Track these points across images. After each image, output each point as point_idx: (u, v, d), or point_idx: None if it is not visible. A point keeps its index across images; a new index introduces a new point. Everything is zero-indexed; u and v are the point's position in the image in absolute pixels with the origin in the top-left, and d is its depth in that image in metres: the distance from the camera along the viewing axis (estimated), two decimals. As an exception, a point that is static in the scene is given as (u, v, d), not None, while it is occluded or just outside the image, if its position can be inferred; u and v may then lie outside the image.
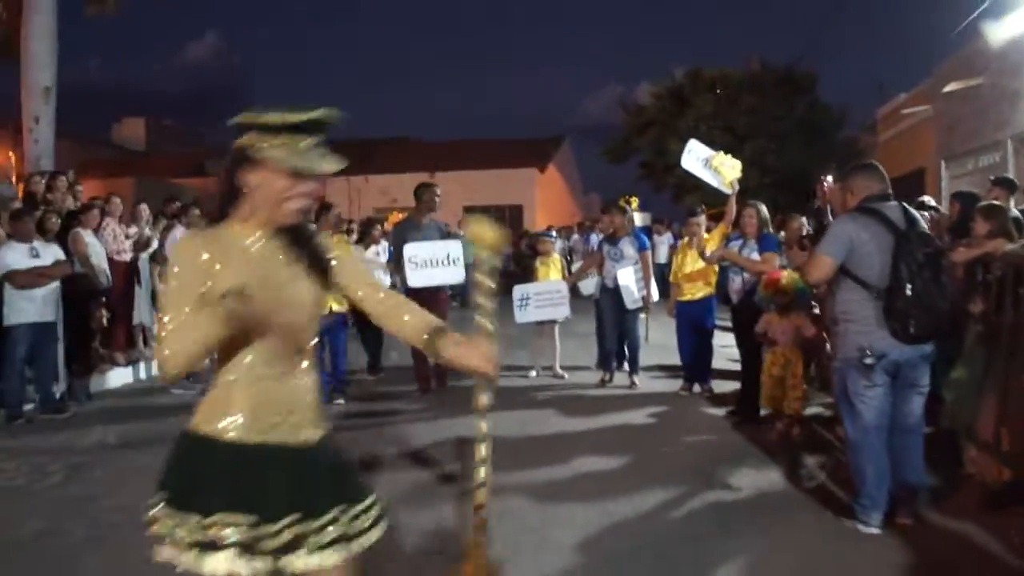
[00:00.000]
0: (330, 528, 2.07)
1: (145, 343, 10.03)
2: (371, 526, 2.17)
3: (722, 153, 8.12)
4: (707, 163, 8.03)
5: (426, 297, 7.02)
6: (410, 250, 7.95)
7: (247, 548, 1.98)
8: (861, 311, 4.32)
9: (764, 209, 7.19)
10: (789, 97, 26.36)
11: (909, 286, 4.10)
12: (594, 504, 4.83)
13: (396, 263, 8.36)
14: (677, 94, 27.18)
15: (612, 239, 8.57)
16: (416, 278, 7.92)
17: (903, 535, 4.27)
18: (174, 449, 2.18)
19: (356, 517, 2.14)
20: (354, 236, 12.31)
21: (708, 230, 8.06)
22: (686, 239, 8.30)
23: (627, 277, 8.25)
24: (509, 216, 32.02)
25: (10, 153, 37.52)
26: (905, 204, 4.47)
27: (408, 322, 2.27)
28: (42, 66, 15.09)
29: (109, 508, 4.90)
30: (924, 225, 4.51)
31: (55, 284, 7.65)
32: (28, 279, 7.35)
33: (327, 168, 2.10)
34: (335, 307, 8.16)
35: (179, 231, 8.94)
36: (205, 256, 2.04)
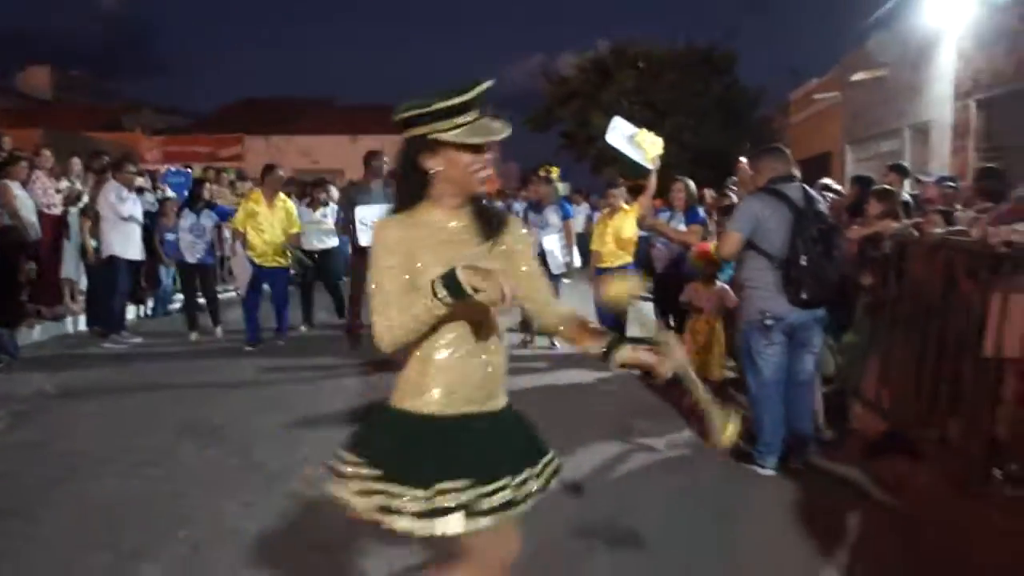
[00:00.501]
0: (531, 486, 2.29)
1: (72, 298, 10.05)
2: (548, 482, 2.37)
3: (645, 130, 8.53)
4: (631, 139, 8.44)
5: (358, 256, 8.27)
6: (360, 212, 8.31)
7: (468, 509, 2.16)
8: (763, 279, 4.82)
9: (692, 184, 7.71)
10: (708, 76, 27.02)
11: (804, 258, 4.63)
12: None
13: (345, 225, 8.72)
14: (601, 67, 27.59)
15: (537, 207, 8.98)
16: (367, 238, 8.14)
17: (795, 477, 4.85)
18: (373, 422, 2.38)
19: (540, 474, 2.35)
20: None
21: (627, 202, 8.48)
22: (607, 209, 8.71)
23: (552, 243, 8.69)
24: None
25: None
26: (805, 186, 4.97)
27: (563, 317, 2.53)
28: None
29: (61, 452, 5.15)
30: (822, 205, 5.03)
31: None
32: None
33: (501, 134, 2.26)
34: (281, 262, 8.89)
35: (111, 187, 8.97)
36: (405, 240, 2.22)
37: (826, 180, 8.60)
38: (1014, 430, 4.39)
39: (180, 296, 11.32)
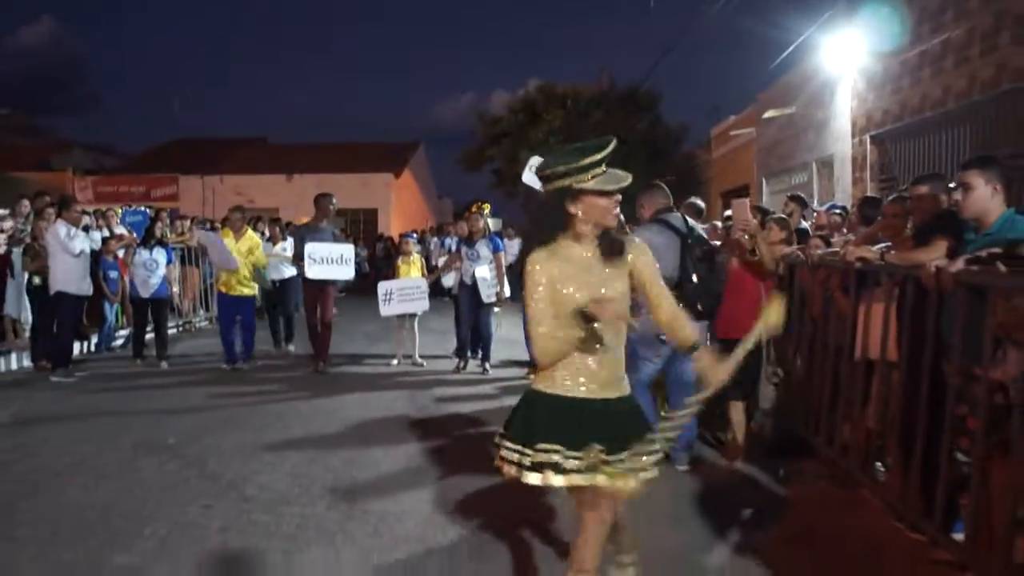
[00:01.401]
0: (621, 462, 2.81)
1: (16, 334, 10.30)
2: (649, 466, 2.88)
3: None
4: None
5: (318, 288, 9.37)
6: (309, 248, 9.29)
7: (559, 468, 2.80)
8: None
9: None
10: (632, 115, 27.98)
11: (694, 276, 5.32)
12: (446, 468, 5.81)
13: (298, 258, 9.59)
14: (530, 107, 28.40)
15: (469, 241, 9.57)
16: (313, 271, 9.36)
17: (701, 472, 5.57)
18: (520, 401, 3.04)
19: (640, 457, 2.85)
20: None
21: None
22: None
23: (483, 272, 9.30)
24: (364, 219, 32.63)
25: None
26: (684, 215, 5.70)
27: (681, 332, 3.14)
28: None
29: (24, 471, 5.51)
30: (700, 231, 5.73)
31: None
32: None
33: (626, 181, 2.85)
34: (246, 291, 9.76)
35: (60, 225, 9.23)
36: (550, 269, 2.85)
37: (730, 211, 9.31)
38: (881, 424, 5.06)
39: (123, 332, 11.66)
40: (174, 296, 12.49)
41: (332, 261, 9.46)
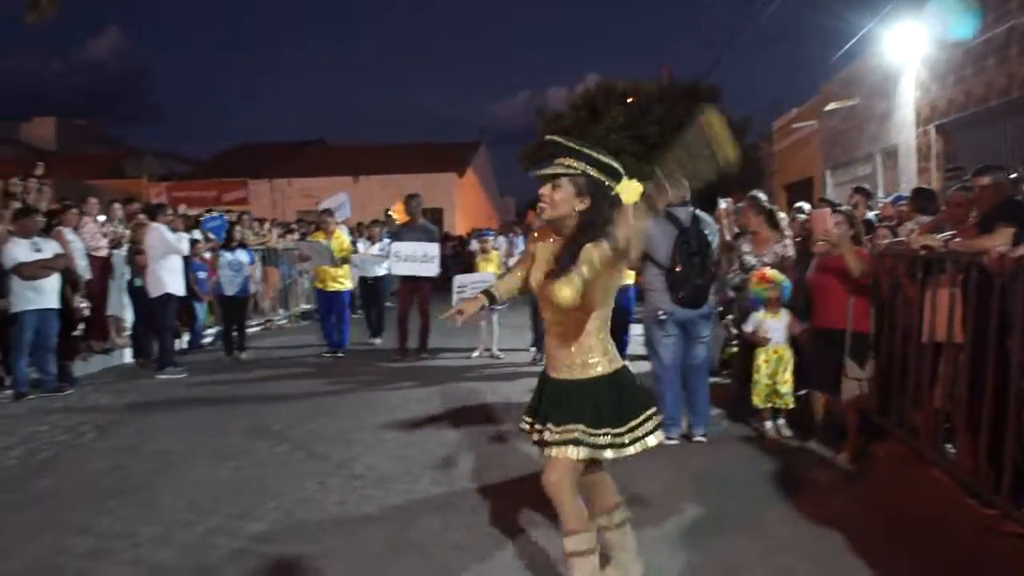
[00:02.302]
0: (552, 433, 3.23)
1: (118, 333, 10.96)
2: (647, 435, 3.28)
3: (628, 180, 9.46)
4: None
5: (414, 282, 10.33)
6: (396, 246, 10.37)
7: (581, 443, 3.16)
8: (655, 282, 6.09)
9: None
10: (694, 109, 28.03)
11: (679, 267, 5.89)
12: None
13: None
14: (590, 104, 28.68)
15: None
16: (398, 268, 10.42)
17: (695, 447, 6.06)
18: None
19: (635, 428, 3.24)
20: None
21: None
22: None
23: None
24: (430, 219, 33.18)
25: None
26: (696, 211, 6.15)
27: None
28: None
29: (152, 452, 6.07)
30: (708, 225, 6.17)
31: (56, 275, 8.62)
32: (33, 271, 8.31)
33: (547, 170, 3.16)
34: (339, 287, 10.83)
35: (163, 229, 9.79)
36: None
37: (800, 204, 9.51)
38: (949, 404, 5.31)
39: (210, 331, 12.32)
40: (256, 295, 13.15)
41: (417, 259, 10.26)
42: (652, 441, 3.29)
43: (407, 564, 3.94)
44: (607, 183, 3.19)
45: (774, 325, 6.27)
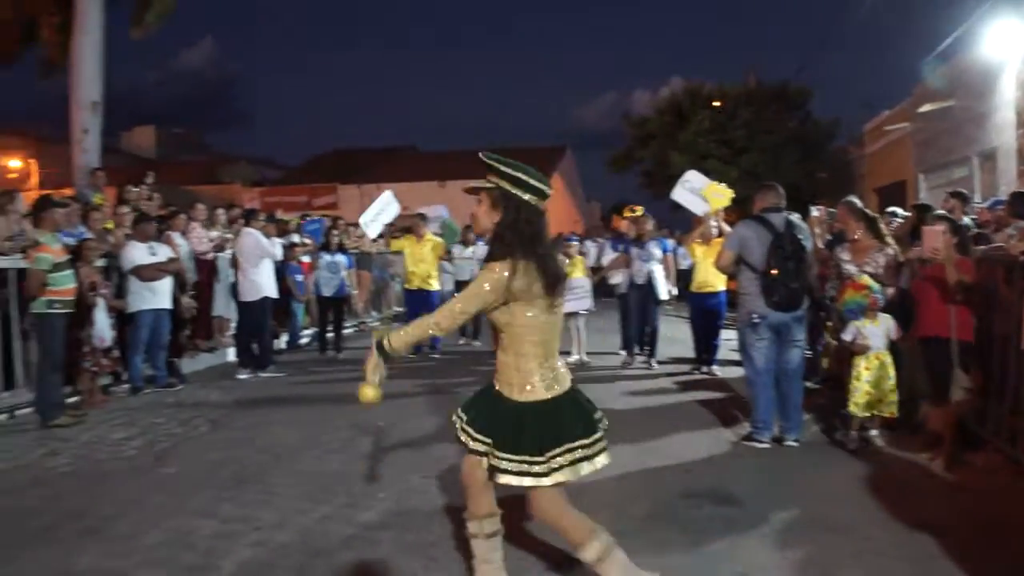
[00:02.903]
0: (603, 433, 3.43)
1: (221, 332, 11.45)
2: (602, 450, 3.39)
3: (715, 184, 9.57)
4: (699, 191, 9.51)
5: None
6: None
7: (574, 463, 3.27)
8: (750, 286, 6.17)
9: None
10: (782, 112, 27.76)
11: (775, 271, 5.95)
12: (631, 451, 6.36)
13: None
14: (676, 108, 28.60)
15: (639, 242, 10.04)
16: None
17: (786, 451, 6.12)
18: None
19: (555, 458, 3.25)
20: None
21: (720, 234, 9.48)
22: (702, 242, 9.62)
23: (659, 273, 9.82)
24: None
25: (30, 161, 38.65)
26: (789, 215, 6.25)
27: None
28: (91, 82, 16.46)
29: (263, 444, 6.40)
30: (802, 230, 6.25)
31: (169, 277, 9.10)
32: (151, 273, 8.80)
33: (474, 184, 3.36)
34: (427, 287, 11.38)
35: (258, 234, 10.25)
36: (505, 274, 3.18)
37: (893, 208, 9.44)
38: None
39: (308, 331, 12.78)
40: (351, 297, 13.58)
41: None
42: (560, 477, 3.25)
43: (509, 551, 4.13)
44: (524, 196, 3.23)
45: (874, 331, 6.18)
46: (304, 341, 12.70)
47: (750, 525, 4.55)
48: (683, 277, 11.25)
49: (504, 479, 3.32)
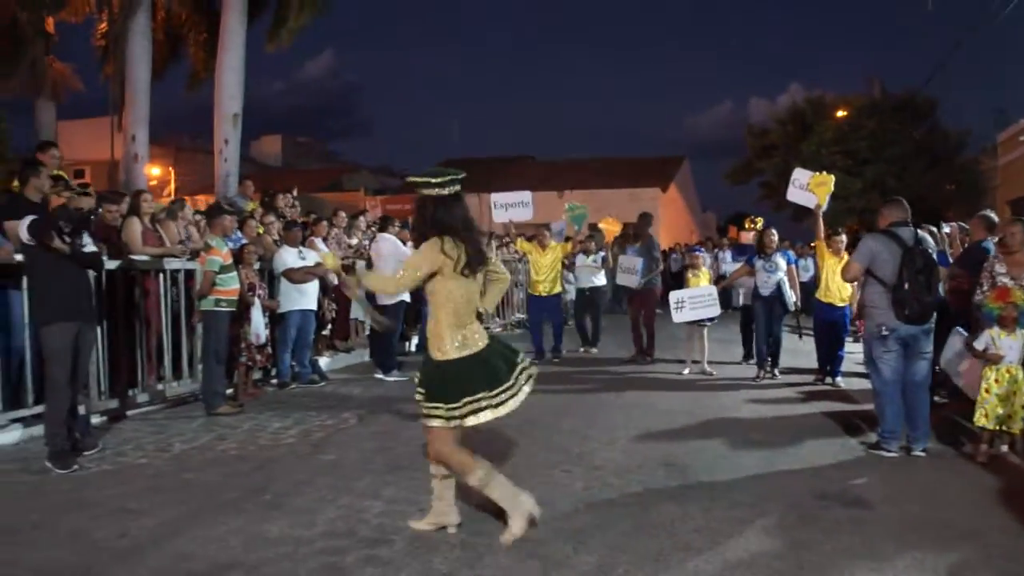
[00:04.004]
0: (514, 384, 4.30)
1: (358, 334, 12.08)
2: (528, 377, 4.46)
3: (817, 175, 9.67)
4: (806, 186, 9.60)
5: (636, 294, 11.46)
6: (620, 259, 11.68)
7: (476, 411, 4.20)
8: (879, 300, 6.31)
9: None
10: (908, 122, 27.15)
11: (907, 284, 6.05)
12: (760, 456, 6.58)
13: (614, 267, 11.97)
14: (799, 119, 28.30)
15: (764, 254, 10.18)
16: (619, 278, 11.75)
17: (914, 460, 6.24)
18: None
19: (522, 373, 4.40)
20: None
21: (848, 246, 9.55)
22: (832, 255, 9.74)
23: (785, 285, 9.96)
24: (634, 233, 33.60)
25: (170, 168, 40.72)
26: (916, 229, 6.41)
27: None
28: (232, 96, 17.53)
29: (409, 438, 6.86)
30: (929, 243, 6.46)
31: (316, 279, 9.71)
32: (300, 275, 9.44)
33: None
34: (551, 293, 11.77)
35: (392, 239, 10.79)
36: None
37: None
38: None
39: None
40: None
41: (626, 270, 11.48)
42: (460, 423, 4.24)
43: (655, 541, 4.45)
44: (434, 192, 4.22)
45: (1009, 343, 6.19)
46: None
47: (881, 527, 4.74)
48: (803, 290, 11.35)
49: (427, 422, 4.34)
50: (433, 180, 4.23)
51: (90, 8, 19.68)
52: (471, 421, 4.19)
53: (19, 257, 6.60)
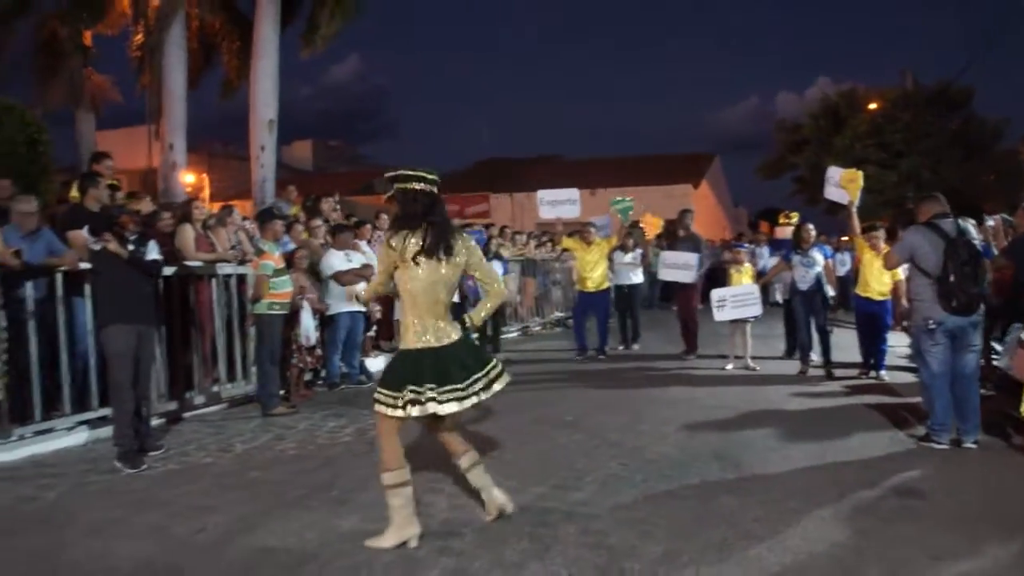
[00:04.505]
0: (464, 388, 4.31)
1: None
2: (488, 386, 4.42)
3: (846, 171, 9.72)
4: (838, 184, 9.65)
5: (683, 289, 11.57)
6: (663, 255, 11.77)
7: (418, 403, 4.25)
8: (925, 292, 6.37)
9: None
10: (943, 113, 26.93)
11: (952, 276, 6.10)
12: (810, 449, 6.66)
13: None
14: (831, 113, 28.17)
15: (801, 249, 10.23)
16: (663, 274, 11.70)
17: (965, 452, 6.27)
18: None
19: (477, 382, 4.36)
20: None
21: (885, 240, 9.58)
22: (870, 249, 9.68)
23: (823, 279, 10.00)
24: (665, 230, 33.57)
25: (203, 175, 41.29)
26: (958, 220, 6.42)
27: None
28: (267, 102, 17.75)
29: (464, 434, 6.94)
30: (972, 234, 6.46)
31: (364, 282, 9.88)
32: (349, 278, 9.62)
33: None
34: (598, 288, 11.67)
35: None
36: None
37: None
38: None
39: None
40: (510, 301, 14.17)
41: (679, 266, 11.31)
42: (401, 413, 4.31)
43: (717, 531, 4.56)
44: (411, 186, 4.36)
45: None
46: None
47: (937, 517, 4.82)
48: (840, 284, 11.39)
49: (374, 405, 4.48)
50: (411, 174, 4.43)
51: (126, 20, 20.06)
52: (414, 412, 4.27)
53: (84, 265, 6.83)
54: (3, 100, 11.80)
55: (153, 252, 6.65)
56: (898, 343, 10.68)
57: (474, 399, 4.36)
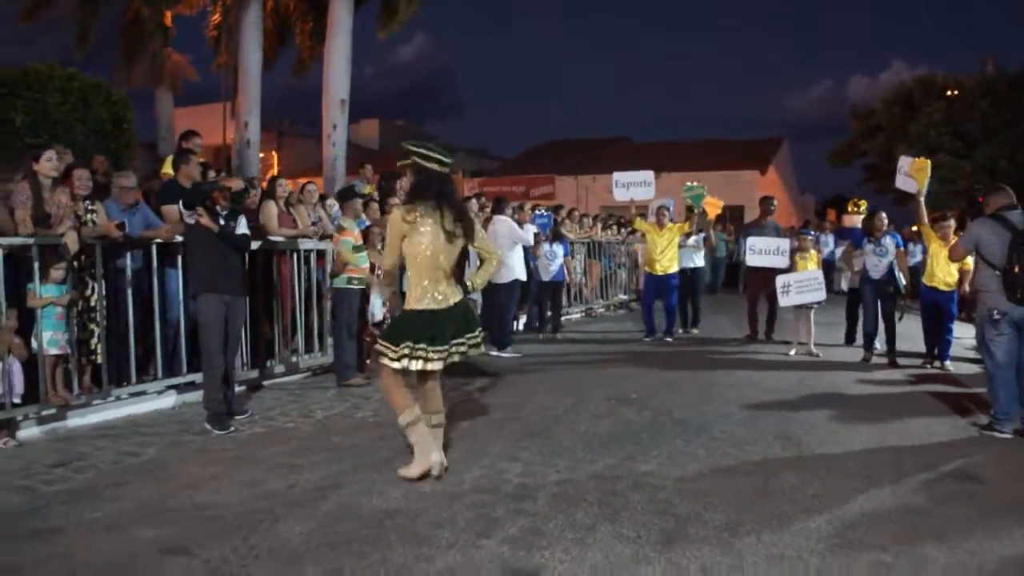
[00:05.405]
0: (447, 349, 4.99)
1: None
2: (466, 352, 5.12)
3: (915, 160, 9.69)
4: (908, 173, 9.62)
5: (763, 273, 11.36)
6: (751, 241, 11.70)
7: (412, 357, 4.89)
8: (990, 283, 6.49)
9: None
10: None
11: (1018, 268, 6.21)
12: (870, 432, 6.80)
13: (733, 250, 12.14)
14: (906, 99, 27.67)
15: (873, 237, 10.27)
16: (752, 260, 11.69)
17: None
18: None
19: (460, 345, 5.06)
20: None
21: (956, 232, 9.57)
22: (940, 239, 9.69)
23: (896, 268, 10.05)
24: (730, 216, 33.39)
25: (273, 152, 41.98)
26: None
27: None
28: (340, 82, 18.13)
29: (536, 407, 7.32)
30: None
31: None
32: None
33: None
34: (667, 271, 11.87)
35: (509, 221, 11.20)
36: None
37: None
38: None
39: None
40: (573, 282, 14.32)
41: (769, 252, 11.40)
42: (397, 364, 4.92)
43: (777, 504, 4.79)
44: (428, 165, 4.97)
45: None
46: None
47: (995, 501, 4.98)
48: (911, 273, 11.34)
49: (378, 357, 5.03)
50: (433, 154, 5.00)
51: (204, 1, 20.67)
52: (413, 365, 4.90)
53: (178, 238, 7.25)
54: (91, 78, 12.39)
55: (243, 227, 7.00)
56: (964, 334, 10.69)
57: (455, 358, 5.08)
